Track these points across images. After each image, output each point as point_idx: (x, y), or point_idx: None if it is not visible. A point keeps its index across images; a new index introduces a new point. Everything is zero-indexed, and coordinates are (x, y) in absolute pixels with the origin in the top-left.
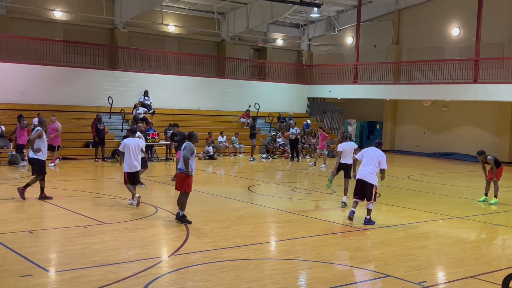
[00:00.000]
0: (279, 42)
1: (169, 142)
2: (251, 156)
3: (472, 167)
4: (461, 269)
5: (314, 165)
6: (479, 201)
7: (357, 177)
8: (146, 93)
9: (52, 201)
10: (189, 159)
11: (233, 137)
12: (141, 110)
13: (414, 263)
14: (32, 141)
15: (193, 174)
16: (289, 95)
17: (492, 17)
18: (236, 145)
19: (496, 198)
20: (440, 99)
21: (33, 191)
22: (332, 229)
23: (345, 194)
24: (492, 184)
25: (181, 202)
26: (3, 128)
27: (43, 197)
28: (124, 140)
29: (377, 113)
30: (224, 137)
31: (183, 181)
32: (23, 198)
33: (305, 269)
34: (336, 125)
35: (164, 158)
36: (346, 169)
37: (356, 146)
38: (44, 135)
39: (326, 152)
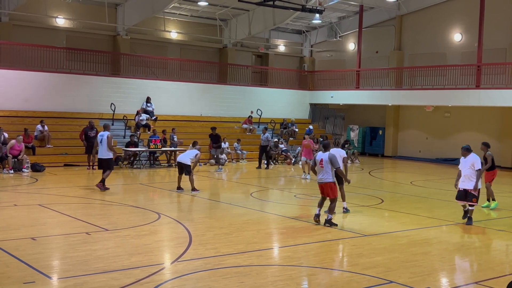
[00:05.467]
0: (281, 48)
1: (172, 148)
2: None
3: None
4: (464, 275)
5: (307, 176)
6: (483, 207)
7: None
8: (148, 100)
9: (55, 207)
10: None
11: (235, 143)
12: (144, 116)
13: (417, 269)
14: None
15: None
16: (291, 101)
17: (494, 23)
18: (238, 151)
19: (495, 200)
20: (443, 104)
21: (35, 197)
22: (335, 235)
23: (343, 200)
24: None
25: (332, 208)
26: (5, 135)
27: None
28: None
29: (380, 119)
30: (227, 143)
31: (334, 190)
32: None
33: (308, 275)
34: (339, 131)
35: (166, 165)
36: (338, 177)
37: (345, 154)
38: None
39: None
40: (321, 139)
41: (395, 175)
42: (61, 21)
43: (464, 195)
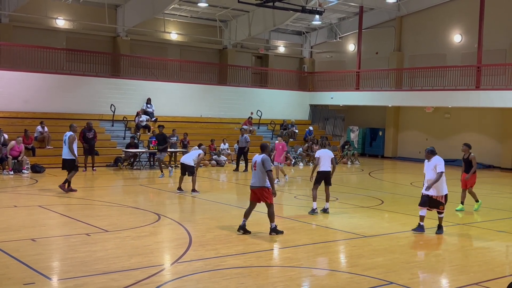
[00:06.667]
0: (281, 49)
1: (172, 150)
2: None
3: None
4: (465, 276)
5: (279, 181)
6: (457, 210)
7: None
8: (148, 101)
9: (55, 208)
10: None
11: (236, 145)
12: (144, 117)
13: (417, 270)
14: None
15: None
16: (291, 102)
17: (494, 24)
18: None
19: (463, 204)
20: (442, 105)
21: (35, 198)
22: (335, 237)
23: (327, 200)
24: (472, 191)
25: (271, 214)
26: (5, 136)
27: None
28: None
29: (380, 120)
30: (226, 144)
31: (268, 195)
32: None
33: (308, 276)
34: (339, 132)
35: (167, 166)
36: (326, 177)
37: (332, 155)
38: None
39: (282, 165)
40: (320, 139)
41: (395, 176)
42: (61, 22)
43: (428, 202)
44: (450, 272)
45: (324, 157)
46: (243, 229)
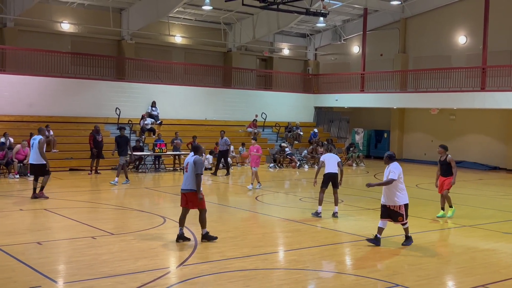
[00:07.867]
0: (285, 51)
1: (176, 153)
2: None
3: (480, 175)
4: (471, 278)
5: (252, 187)
6: (438, 217)
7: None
8: (153, 104)
9: (61, 212)
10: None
11: (240, 147)
12: (149, 120)
13: (423, 272)
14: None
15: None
16: (295, 104)
17: (499, 25)
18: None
19: (452, 207)
20: (448, 107)
21: (41, 202)
22: (341, 239)
23: (336, 204)
24: (452, 195)
25: (203, 219)
26: (11, 140)
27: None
28: None
29: (385, 122)
30: (232, 147)
31: (201, 199)
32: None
33: (314, 279)
34: (343, 134)
35: (172, 169)
36: (333, 179)
37: (339, 158)
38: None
39: (255, 169)
40: (325, 143)
41: None
42: (66, 26)
43: (387, 213)
44: (455, 274)
45: (330, 160)
46: (181, 238)
